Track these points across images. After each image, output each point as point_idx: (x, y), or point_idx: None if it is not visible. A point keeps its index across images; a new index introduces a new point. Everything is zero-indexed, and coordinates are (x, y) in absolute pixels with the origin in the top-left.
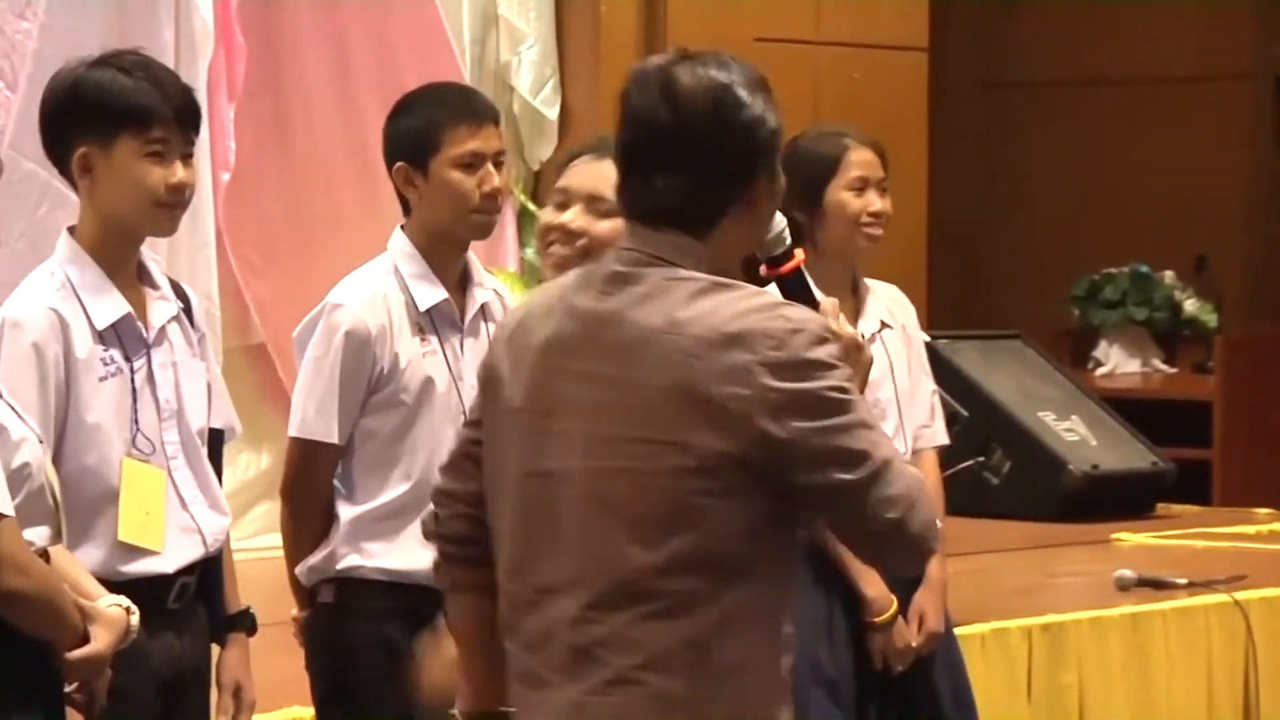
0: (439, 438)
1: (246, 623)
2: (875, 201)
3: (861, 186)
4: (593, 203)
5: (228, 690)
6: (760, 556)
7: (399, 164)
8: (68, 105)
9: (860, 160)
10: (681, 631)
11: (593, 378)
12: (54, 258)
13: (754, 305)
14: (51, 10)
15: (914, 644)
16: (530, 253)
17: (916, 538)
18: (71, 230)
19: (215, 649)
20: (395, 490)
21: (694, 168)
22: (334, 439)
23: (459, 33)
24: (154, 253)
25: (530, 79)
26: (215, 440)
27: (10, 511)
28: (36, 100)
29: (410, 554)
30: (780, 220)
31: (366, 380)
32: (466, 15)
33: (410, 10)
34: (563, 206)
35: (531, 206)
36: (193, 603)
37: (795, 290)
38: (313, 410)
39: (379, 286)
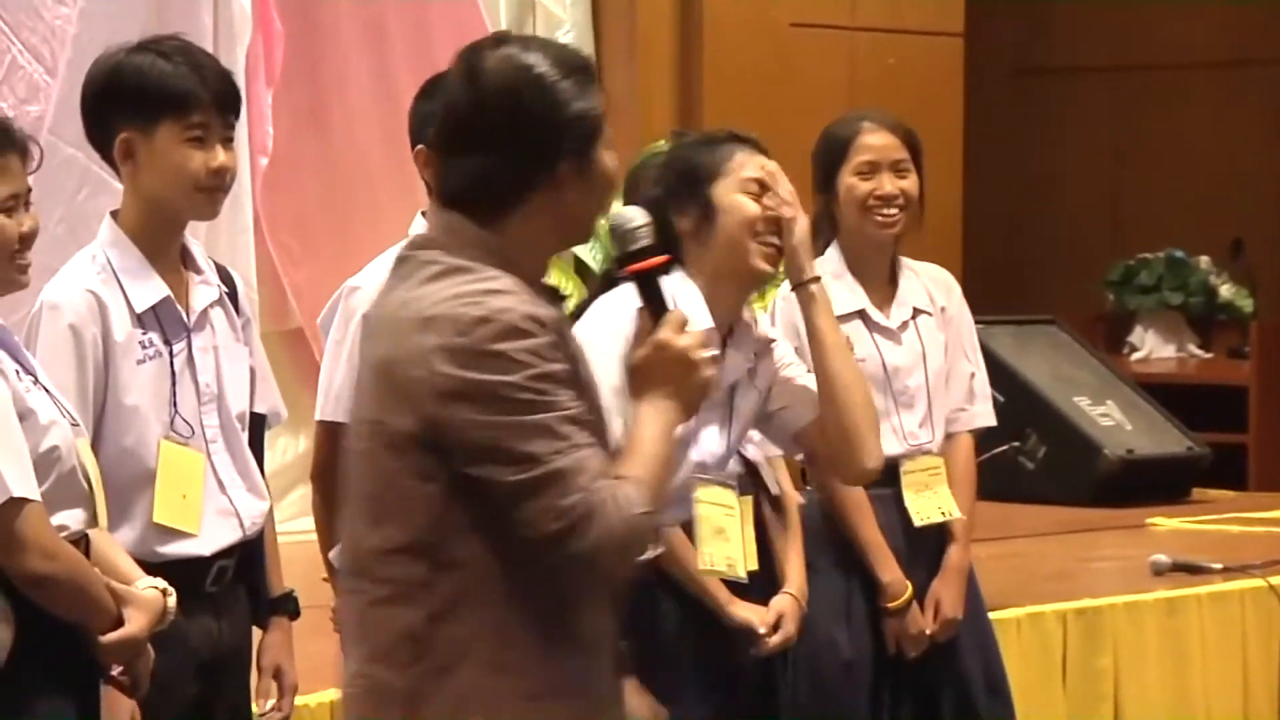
0: None
1: (289, 606)
2: (885, 184)
3: (870, 170)
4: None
5: (268, 673)
6: (474, 545)
7: (419, 147)
8: (109, 91)
9: (870, 144)
10: (401, 621)
11: (362, 360)
12: (96, 241)
13: (461, 291)
14: None
15: (929, 630)
16: None
17: (585, 555)
18: (114, 214)
19: (256, 632)
20: None
21: (488, 152)
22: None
23: (496, 18)
24: (193, 237)
25: None
26: (257, 425)
27: (36, 496)
28: (76, 86)
29: None
30: (636, 216)
31: None
32: (503, 1)
33: None
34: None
35: None
36: (232, 586)
37: (645, 291)
38: (335, 394)
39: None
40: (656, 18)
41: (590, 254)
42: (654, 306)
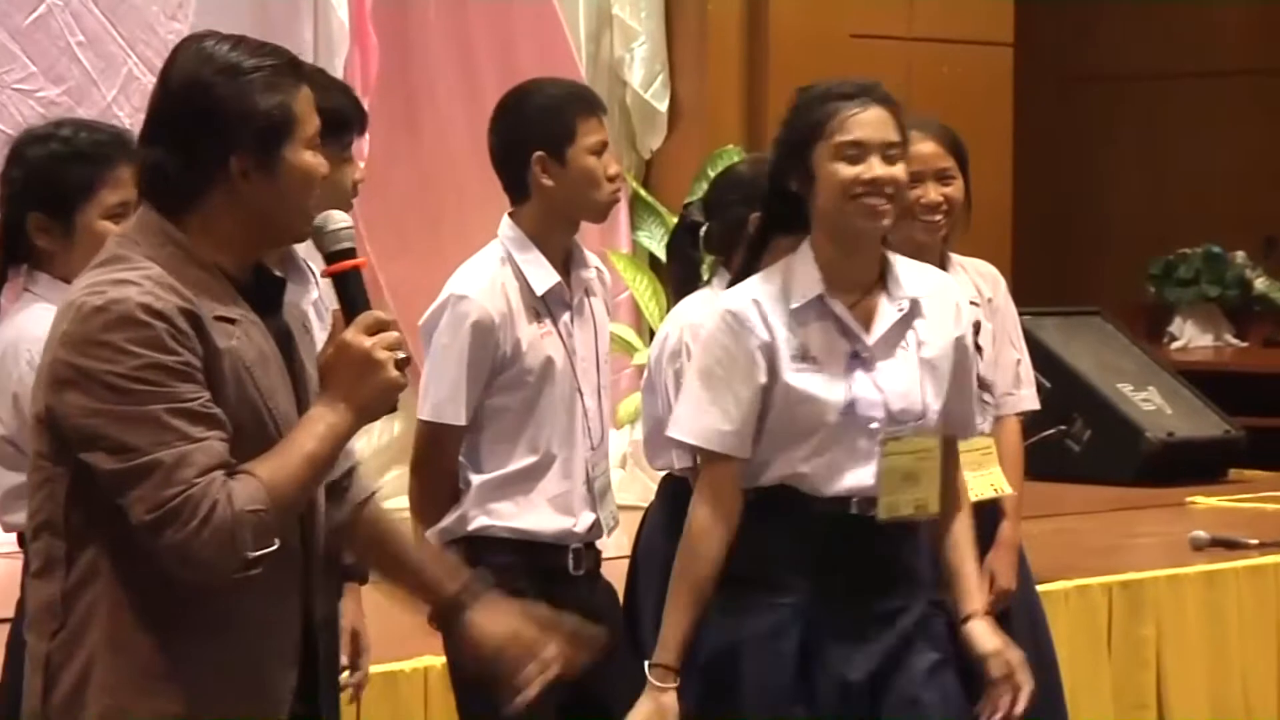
0: (559, 410)
1: (357, 573)
2: (931, 192)
3: (916, 179)
4: (886, 149)
5: (345, 635)
6: (101, 526)
7: (538, 154)
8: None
9: (917, 153)
10: (45, 593)
11: None
12: None
13: (94, 280)
14: (200, 12)
15: (988, 602)
16: (641, 236)
17: (179, 547)
18: None
19: None
20: (523, 461)
21: (165, 145)
22: (462, 421)
23: (575, 31)
24: None
25: (641, 74)
26: None
27: None
28: None
29: (539, 516)
30: (336, 219)
31: (490, 365)
32: (582, 14)
33: (530, 10)
34: (855, 160)
35: (644, 193)
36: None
37: (341, 292)
38: (444, 396)
39: (496, 275)
40: (726, 30)
41: (662, 250)
42: (349, 307)
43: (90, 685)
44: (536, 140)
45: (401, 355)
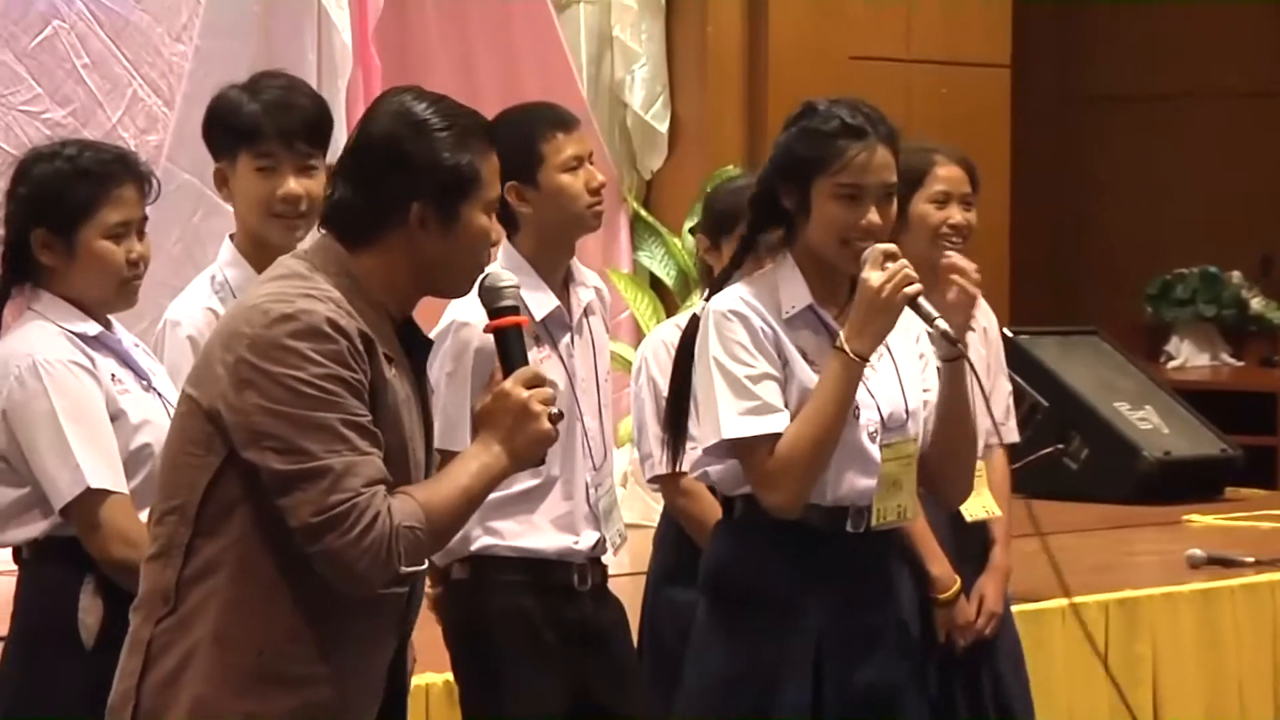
0: (561, 434)
1: None
2: (956, 214)
3: (944, 200)
4: (884, 192)
5: None
6: (236, 520)
7: (509, 184)
8: (207, 126)
9: (946, 175)
10: (160, 577)
11: None
12: (216, 262)
13: (282, 290)
14: (205, 34)
15: (976, 624)
16: (642, 255)
17: (338, 553)
18: (232, 237)
19: None
20: (524, 483)
21: (354, 184)
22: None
23: (576, 52)
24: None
25: (642, 95)
26: None
27: (119, 488)
28: (190, 117)
29: (542, 535)
30: (503, 278)
31: None
32: (583, 36)
33: (532, 32)
34: (854, 203)
35: (645, 214)
36: None
37: (504, 347)
38: (449, 423)
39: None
40: (726, 51)
41: (663, 269)
42: (508, 361)
43: (188, 673)
44: (505, 172)
45: (555, 411)
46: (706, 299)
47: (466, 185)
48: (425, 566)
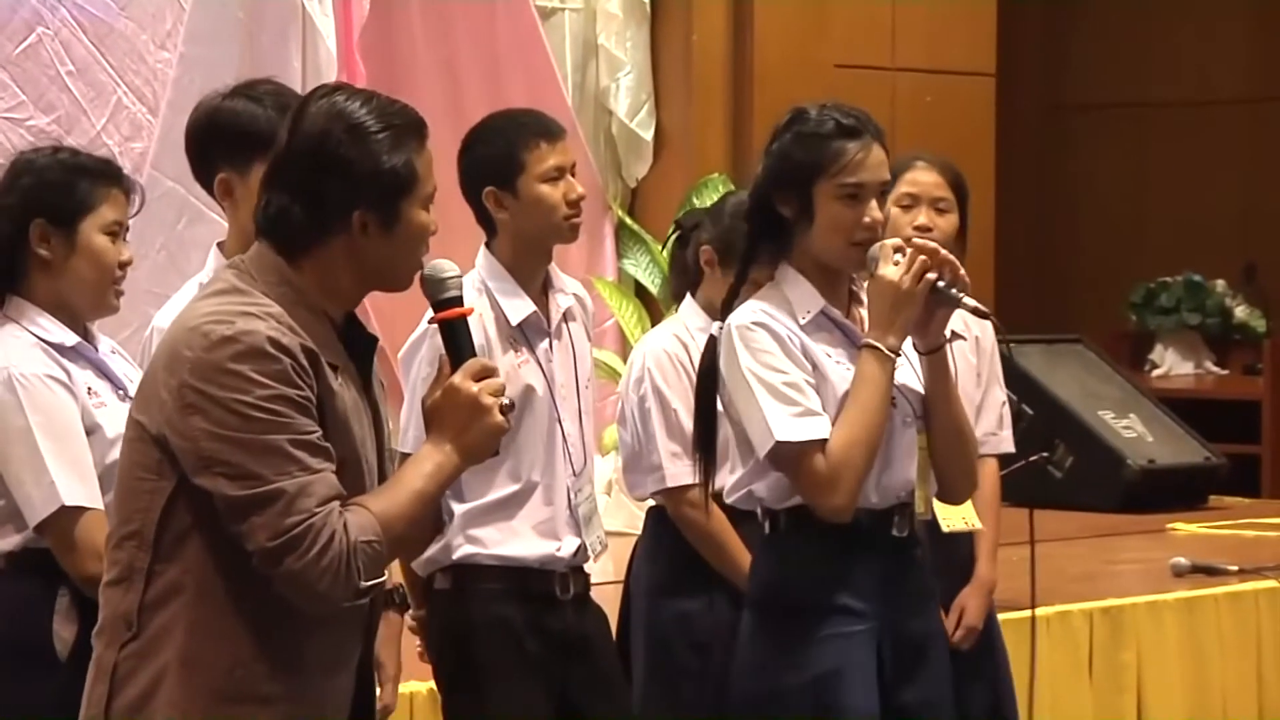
0: (539, 437)
1: (396, 599)
2: (920, 217)
3: (910, 203)
4: (882, 190)
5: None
6: (193, 544)
7: (488, 189)
8: (209, 134)
9: (913, 179)
10: (121, 603)
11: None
12: (205, 269)
13: (221, 309)
14: (189, 41)
15: (953, 637)
16: (627, 263)
17: (297, 575)
18: (221, 245)
19: None
20: (504, 490)
21: (291, 193)
22: None
23: (561, 61)
24: None
25: (627, 103)
26: None
27: (93, 504)
28: (175, 124)
29: (523, 542)
30: (445, 268)
31: None
32: (569, 45)
33: (517, 41)
34: (856, 202)
35: (629, 221)
36: None
37: (451, 339)
38: (415, 429)
39: (475, 307)
40: (711, 60)
41: (647, 277)
42: (454, 354)
43: (158, 698)
44: (485, 177)
45: (506, 401)
46: (712, 306)
47: (405, 186)
48: (385, 578)
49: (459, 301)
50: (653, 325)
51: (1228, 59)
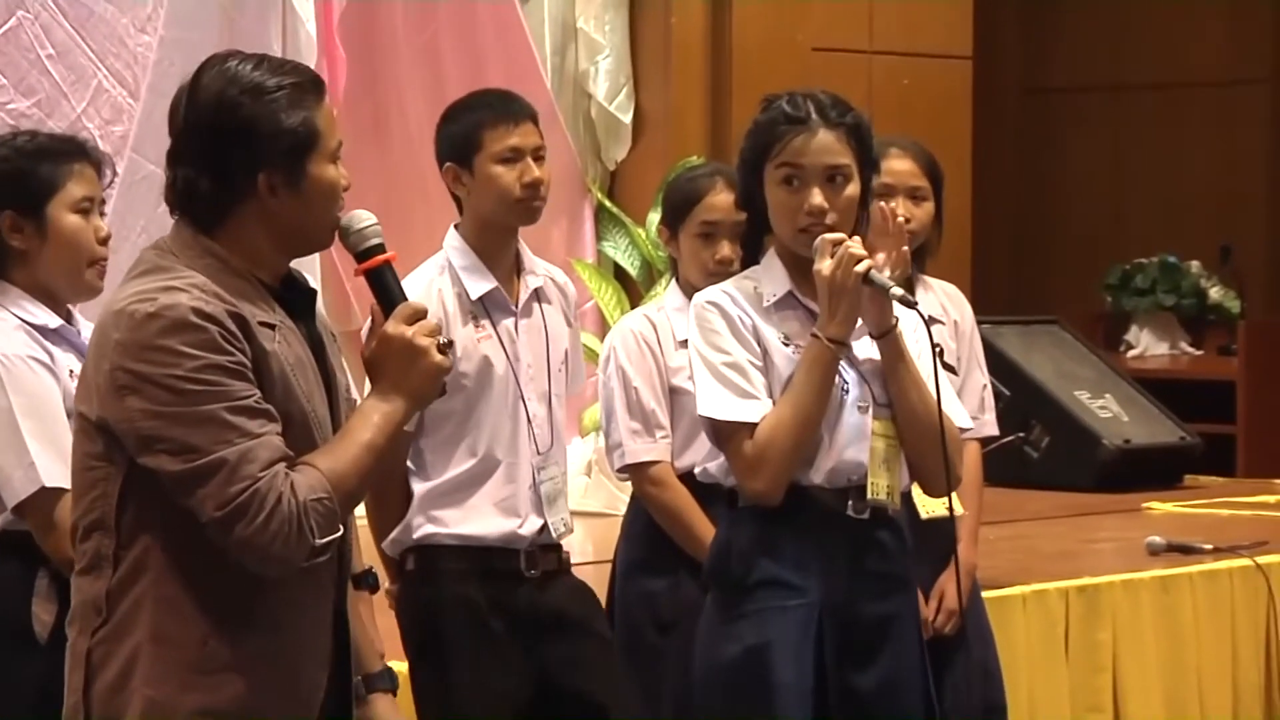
0: (501, 414)
1: (369, 581)
2: (899, 208)
3: (885, 193)
4: (830, 174)
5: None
6: (152, 524)
7: (447, 165)
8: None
9: (889, 168)
10: (90, 590)
11: None
12: None
13: (143, 289)
14: (169, 25)
15: (933, 621)
16: (606, 245)
17: (249, 541)
18: None
19: None
20: (462, 465)
21: (194, 164)
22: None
23: (541, 44)
24: None
25: (606, 86)
26: None
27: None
28: (156, 107)
29: (480, 520)
30: (364, 218)
31: None
32: (548, 28)
33: (496, 24)
34: (796, 187)
35: (609, 204)
36: None
37: (375, 288)
38: None
39: (433, 281)
40: (689, 43)
41: (627, 259)
42: (384, 301)
43: (134, 677)
44: (447, 153)
45: (444, 340)
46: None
47: (308, 143)
48: (342, 532)
49: (381, 249)
50: (632, 308)
51: (1206, 42)
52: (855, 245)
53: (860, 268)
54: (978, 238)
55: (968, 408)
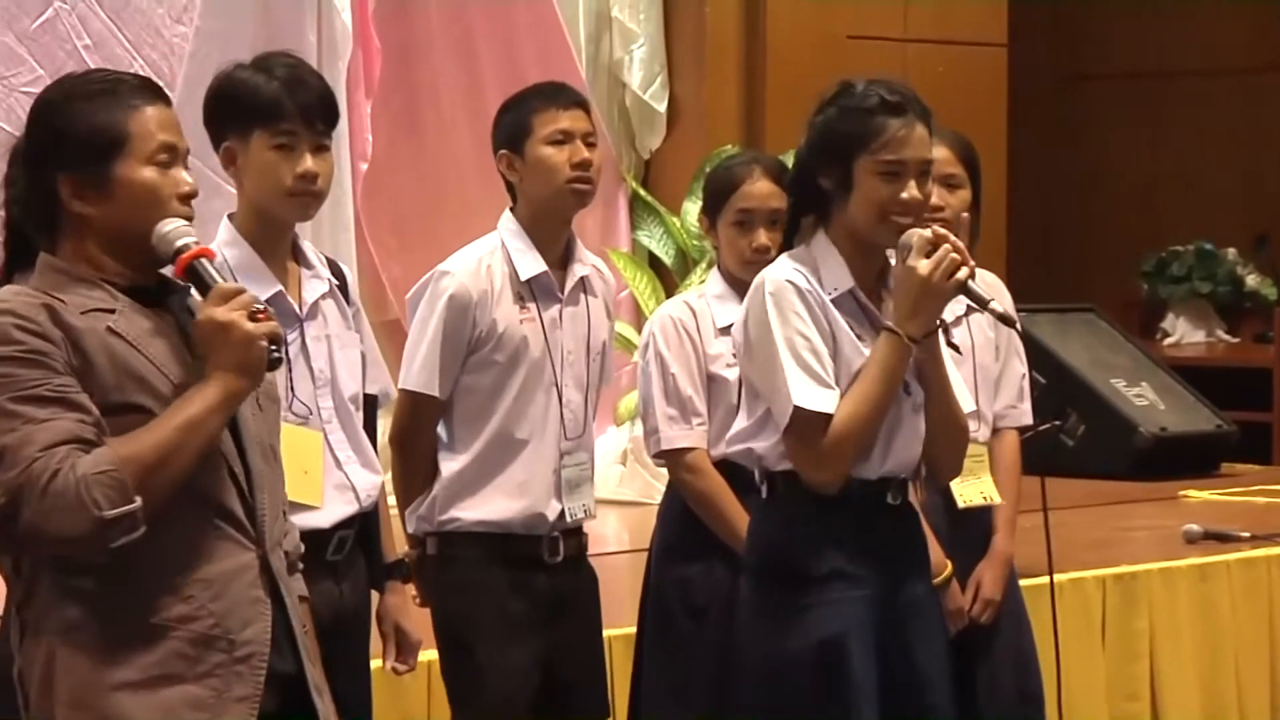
0: (530, 396)
1: (402, 571)
2: (933, 195)
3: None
4: (923, 168)
5: (389, 633)
6: None
7: (501, 152)
8: (216, 104)
9: None
10: (12, 600)
11: None
12: (215, 241)
13: None
14: (205, 15)
15: (970, 610)
16: (641, 235)
17: (29, 526)
18: (231, 217)
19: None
20: (488, 441)
21: (25, 182)
22: (435, 392)
23: (575, 33)
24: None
25: (641, 75)
26: (370, 405)
27: None
28: (192, 98)
29: (504, 503)
30: (165, 225)
31: (466, 341)
32: (582, 17)
33: (531, 13)
34: (895, 179)
35: (643, 193)
36: (351, 554)
37: (196, 281)
38: (418, 366)
39: (484, 258)
40: (724, 32)
41: (661, 248)
42: (203, 292)
43: (55, 672)
44: (501, 142)
45: (259, 307)
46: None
47: (111, 145)
48: (138, 503)
49: (189, 248)
50: (667, 297)
51: (1240, 28)
52: (957, 249)
53: (961, 275)
54: (1012, 225)
55: (1006, 397)
